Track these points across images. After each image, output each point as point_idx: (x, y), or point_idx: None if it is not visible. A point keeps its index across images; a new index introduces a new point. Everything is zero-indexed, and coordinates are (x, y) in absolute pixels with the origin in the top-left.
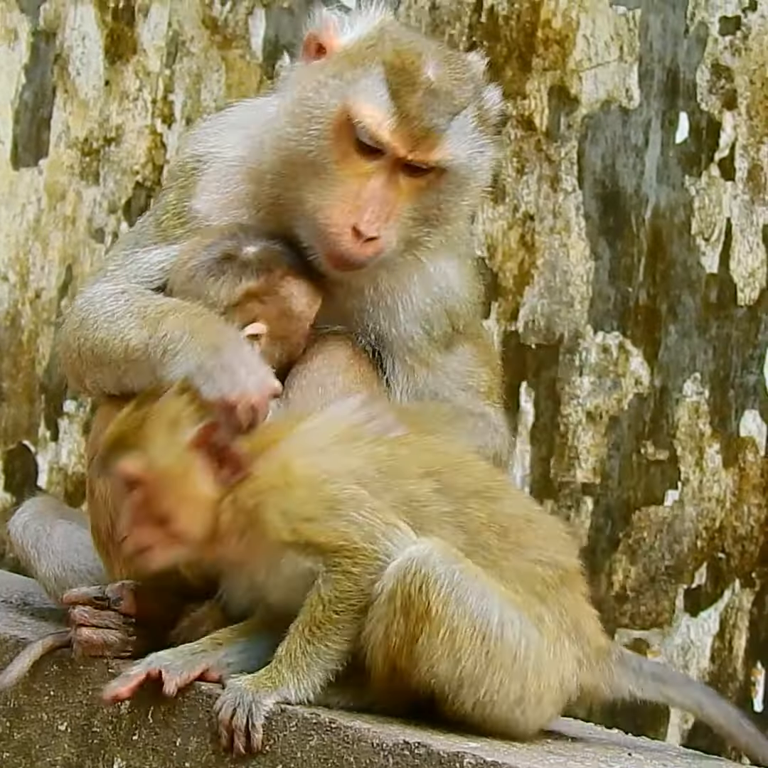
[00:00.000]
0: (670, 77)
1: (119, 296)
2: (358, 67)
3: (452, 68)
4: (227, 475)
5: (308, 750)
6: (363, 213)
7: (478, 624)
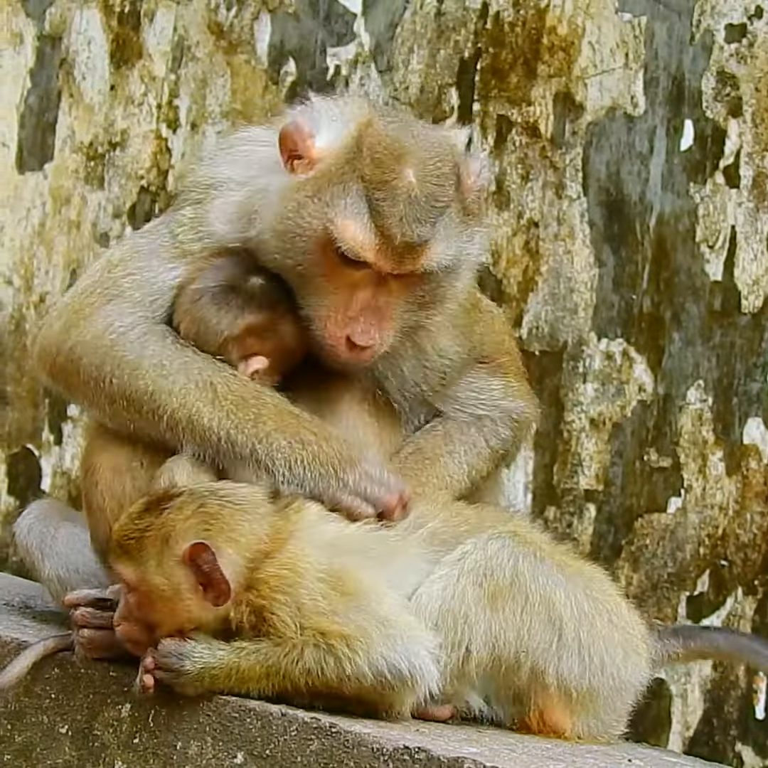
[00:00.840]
0: (676, 85)
1: (163, 340)
2: (337, 185)
3: (434, 163)
4: (212, 597)
5: (308, 754)
6: (355, 324)
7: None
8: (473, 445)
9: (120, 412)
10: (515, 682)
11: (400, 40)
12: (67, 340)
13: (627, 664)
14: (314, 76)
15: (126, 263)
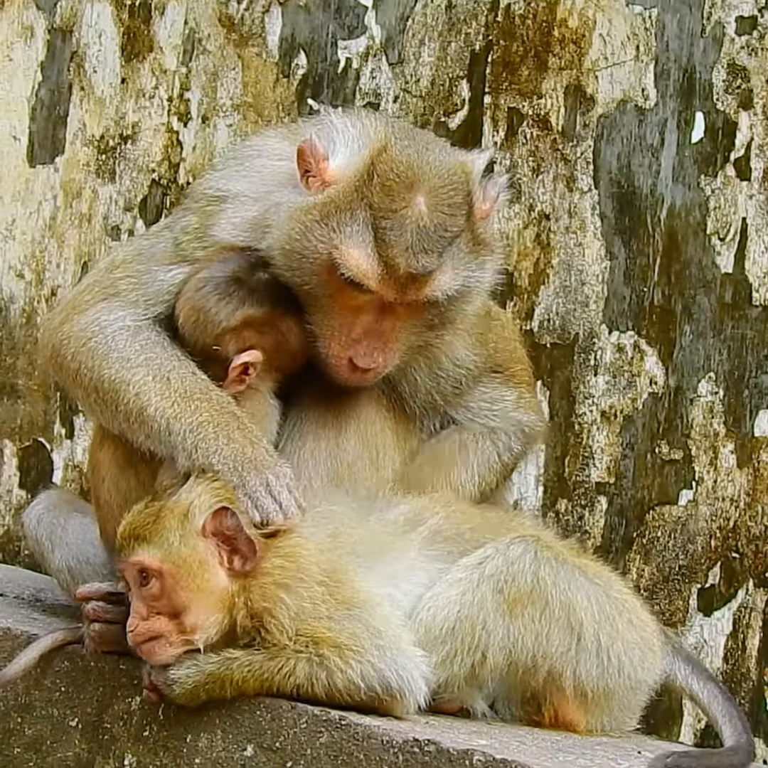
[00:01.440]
0: (687, 77)
1: (134, 336)
2: (344, 211)
3: (447, 192)
4: (240, 562)
5: (318, 747)
6: (358, 347)
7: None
8: (487, 459)
9: (92, 403)
10: (531, 684)
11: (411, 33)
12: (60, 334)
13: (644, 663)
14: (325, 69)
15: (127, 265)
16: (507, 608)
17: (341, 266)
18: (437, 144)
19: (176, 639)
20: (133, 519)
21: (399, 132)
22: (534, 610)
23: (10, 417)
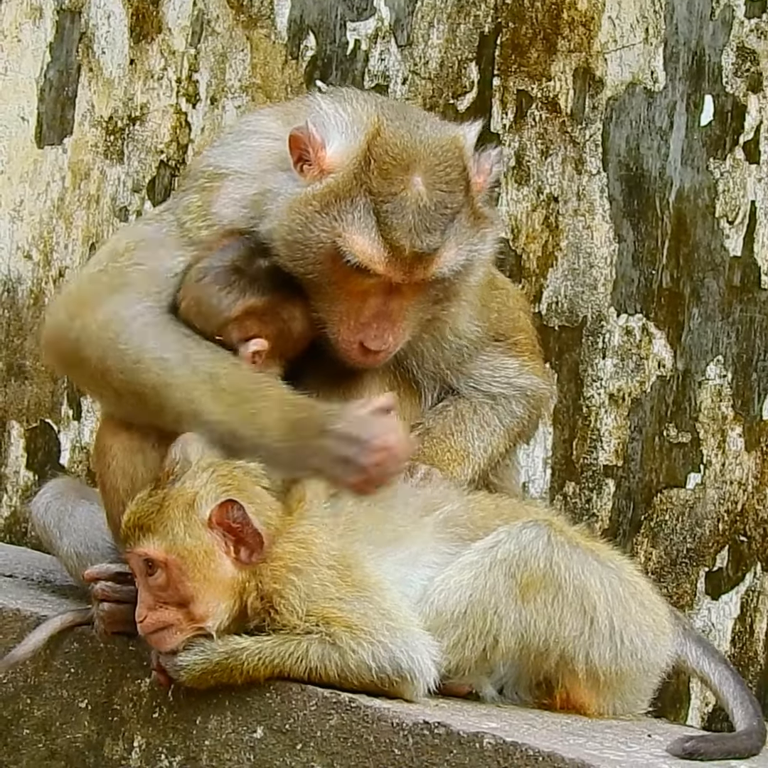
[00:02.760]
0: (696, 60)
1: (162, 333)
2: (344, 199)
3: (443, 169)
4: (246, 553)
5: (328, 729)
6: (368, 330)
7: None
8: (486, 424)
9: (125, 405)
10: (542, 668)
11: (420, 15)
12: (71, 330)
13: (656, 646)
14: (334, 51)
15: (132, 252)
16: (519, 593)
17: (346, 253)
18: (427, 120)
19: (186, 627)
20: (137, 508)
21: (389, 112)
22: (547, 595)
23: (17, 398)
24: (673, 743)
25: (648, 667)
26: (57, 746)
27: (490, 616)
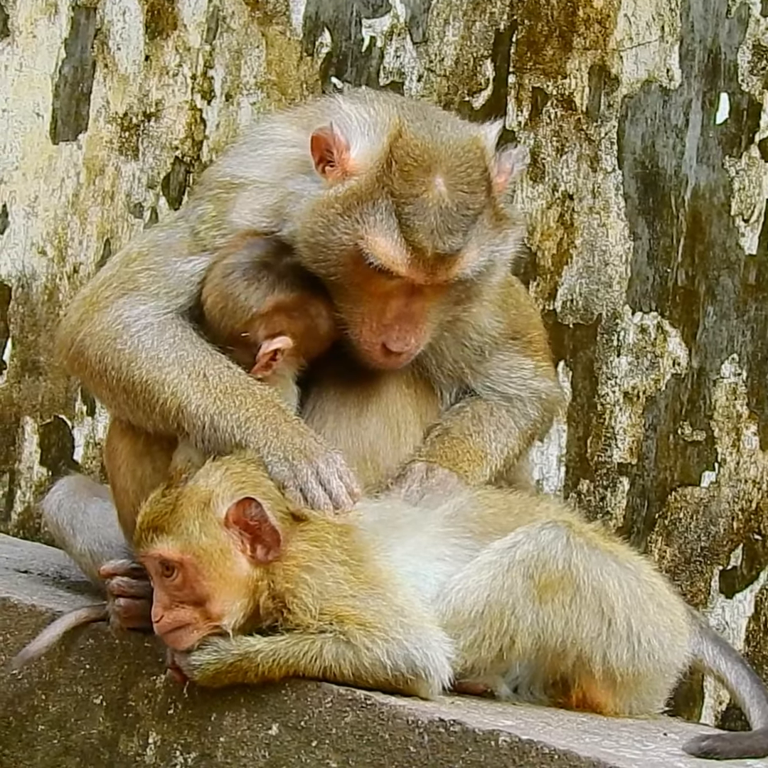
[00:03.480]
0: (711, 58)
1: (161, 333)
2: (367, 201)
3: (465, 170)
4: (263, 551)
5: (343, 726)
6: (390, 332)
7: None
8: (503, 426)
9: (120, 404)
10: (559, 668)
11: (436, 12)
12: (80, 332)
13: (673, 646)
14: (349, 48)
15: (144, 258)
16: (537, 594)
17: (369, 256)
18: (448, 120)
19: (203, 626)
20: (150, 509)
21: (410, 113)
22: (565, 596)
23: (31, 394)
24: (690, 742)
25: (665, 668)
26: (71, 742)
27: (507, 617)
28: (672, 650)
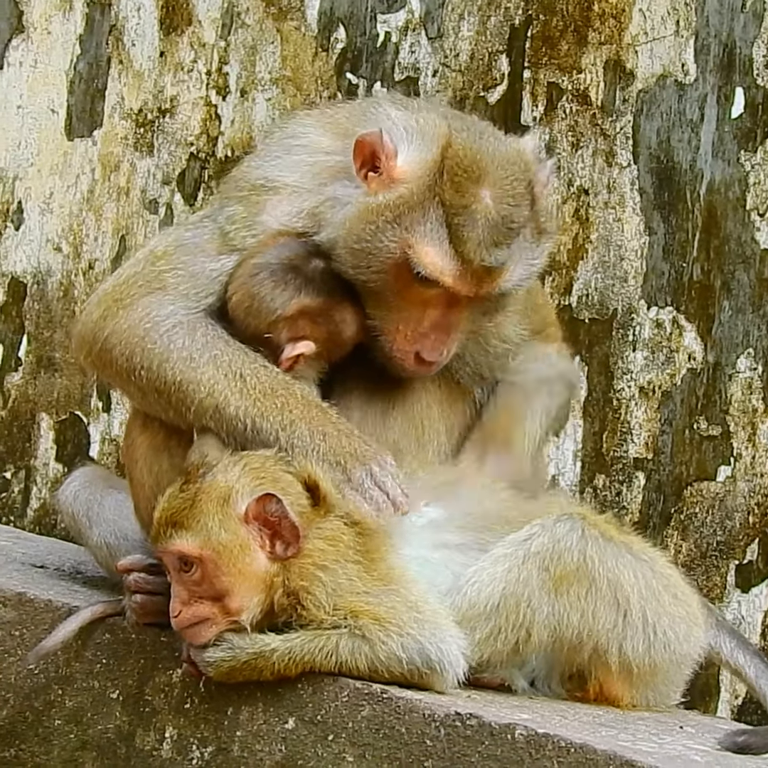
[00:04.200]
0: (727, 52)
1: (192, 332)
2: (417, 210)
3: (510, 183)
4: (282, 547)
5: (359, 720)
6: (425, 341)
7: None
8: (545, 406)
9: (151, 402)
10: (575, 661)
11: (451, 7)
12: (104, 329)
13: (689, 637)
14: (364, 43)
15: (170, 257)
16: (553, 586)
17: (417, 265)
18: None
19: (221, 621)
20: (168, 504)
21: (456, 123)
22: (580, 588)
23: (47, 390)
24: (725, 738)
25: (681, 659)
26: (88, 737)
27: (523, 609)
28: (688, 641)
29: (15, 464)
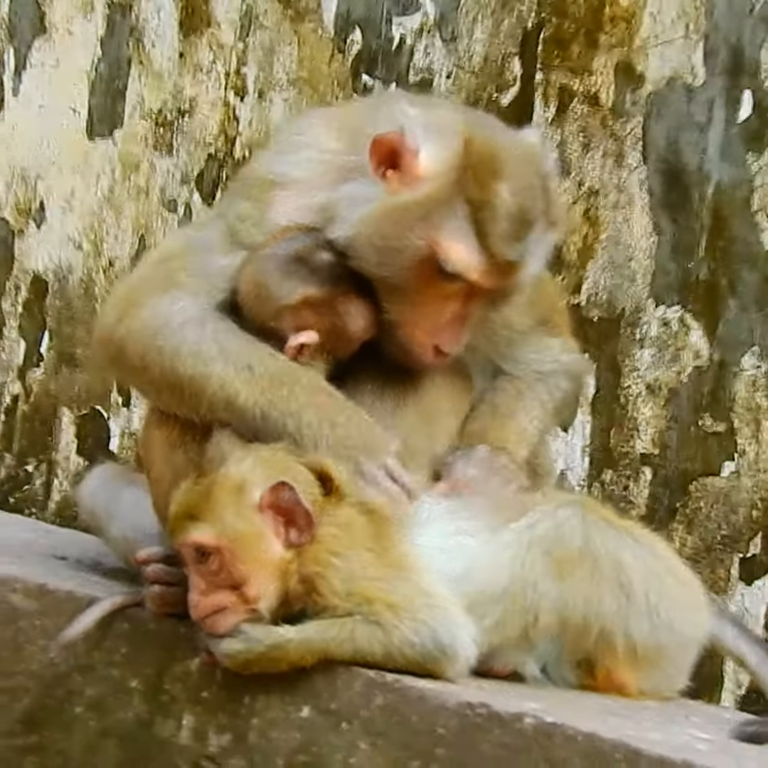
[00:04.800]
0: (735, 56)
1: (202, 326)
2: (444, 207)
3: (526, 178)
4: (296, 534)
5: (373, 709)
6: (444, 334)
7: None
8: (541, 401)
9: (166, 399)
10: (582, 645)
11: (465, 10)
12: (118, 330)
13: (693, 618)
14: (380, 46)
15: (182, 256)
16: (557, 570)
17: (445, 261)
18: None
19: (240, 609)
20: (184, 498)
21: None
22: (583, 571)
23: (68, 385)
24: (736, 728)
25: (686, 640)
26: (108, 724)
27: (529, 594)
28: (691, 622)
29: (37, 457)
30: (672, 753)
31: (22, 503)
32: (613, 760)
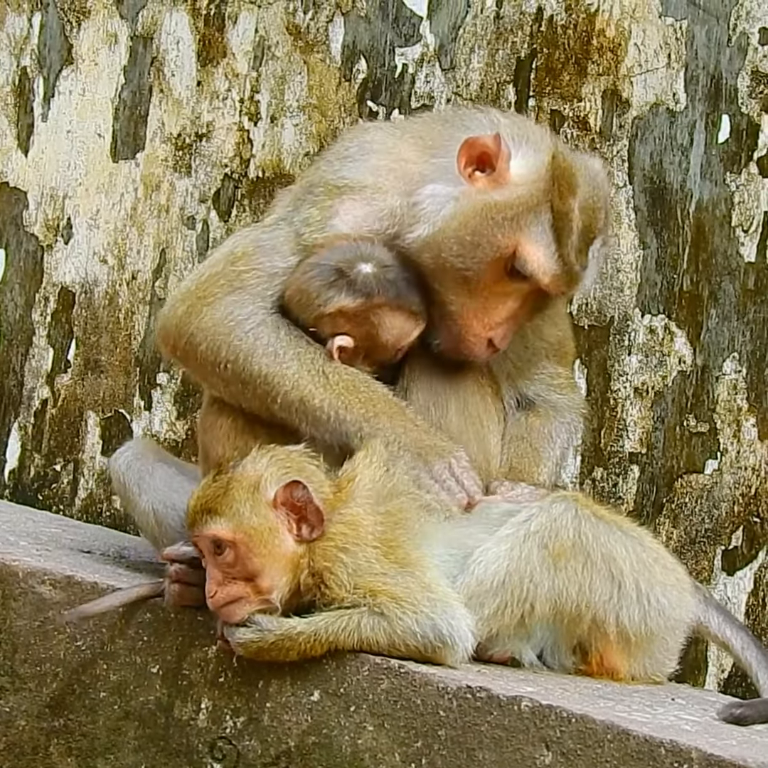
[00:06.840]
0: (714, 83)
1: (276, 331)
2: (531, 212)
3: (596, 194)
4: (307, 530)
5: (379, 693)
6: (499, 329)
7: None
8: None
9: (235, 393)
10: (576, 632)
11: (462, 41)
12: (189, 325)
13: (681, 603)
14: (384, 74)
15: (249, 258)
16: (552, 562)
17: (524, 262)
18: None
19: (254, 599)
20: (203, 493)
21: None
22: (576, 563)
23: (93, 390)
24: (723, 709)
25: (675, 625)
26: (131, 708)
27: (526, 584)
28: (680, 607)
29: (64, 458)
30: (659, 733)
31: (50, 500)
32: (605, 739)
